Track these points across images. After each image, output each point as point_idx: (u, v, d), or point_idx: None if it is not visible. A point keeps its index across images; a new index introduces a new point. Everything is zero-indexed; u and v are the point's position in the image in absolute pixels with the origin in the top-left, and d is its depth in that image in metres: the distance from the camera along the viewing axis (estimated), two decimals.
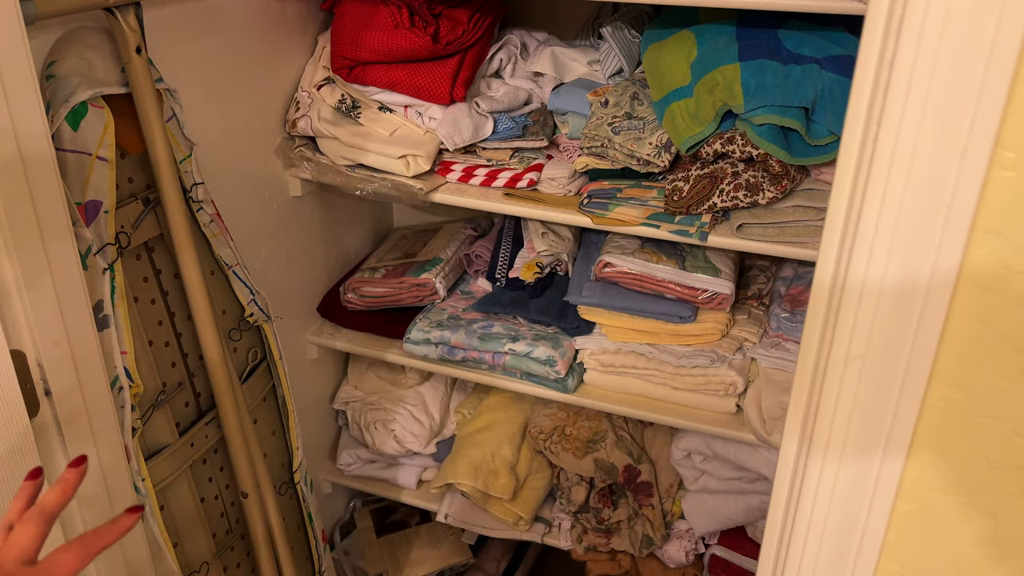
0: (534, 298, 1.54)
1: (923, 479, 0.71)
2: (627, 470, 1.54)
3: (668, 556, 1.58)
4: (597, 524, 1.58)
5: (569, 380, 1.46)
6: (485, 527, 1.65)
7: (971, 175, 0.58)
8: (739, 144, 1.16)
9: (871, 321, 0.65)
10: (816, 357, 0.69)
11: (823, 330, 0.68)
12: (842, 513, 0.75)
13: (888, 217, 0.61)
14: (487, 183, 1.39)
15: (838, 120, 1.11)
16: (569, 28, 1.52)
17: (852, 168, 0.61)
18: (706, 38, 1.22)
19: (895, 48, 0.56)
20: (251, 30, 1.35)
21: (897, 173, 0.60)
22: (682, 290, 1.39)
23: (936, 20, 0.54)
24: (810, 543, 0.78)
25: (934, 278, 0.62)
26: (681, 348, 1.42)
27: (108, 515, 1.06)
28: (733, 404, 1.40)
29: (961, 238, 0.60)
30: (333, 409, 1.79)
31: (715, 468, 1.52)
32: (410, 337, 1.53)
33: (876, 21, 0.56)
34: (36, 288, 0.91)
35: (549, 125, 1.41)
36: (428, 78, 1.36)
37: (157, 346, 1.21)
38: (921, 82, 0.56)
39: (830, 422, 0.71)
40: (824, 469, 0.73)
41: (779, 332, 1.42)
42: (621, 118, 1.27)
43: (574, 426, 1.59)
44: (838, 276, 0.65)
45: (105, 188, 1.05)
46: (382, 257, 1.71)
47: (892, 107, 0.58)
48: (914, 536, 0.74)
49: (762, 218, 1.20)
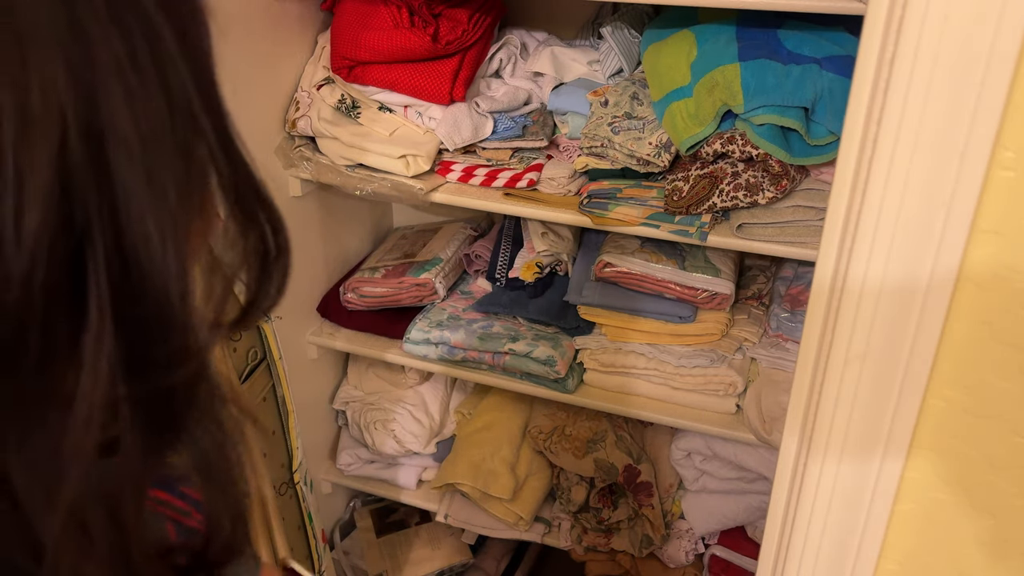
0: (534, 298, 1.54)
1: (923, 479, 0.71)
2: (627, 470, 1.54)
3: (668, 556, 1.58)
4: (597, 524, 1.58)
5: (569, 380, 1.46)
6: (485, 527, 1.65)
7: (971, 175, 0.58)
8: (739, 144, 1.16)
9: (871, 321, 0.65)
10: (816, 357, 0.69)
11: (823, 330, 0.68)
12: (842, 513, 0.75)
13: (888, 217, 0.61)
14: (487, 183, 1.39)
15: (838, 120, 1.11)
16: (569, 28, 1.52)
17: (852, 168, 0.61)
18: (706, 38, 1.22)
19: (895, 48, 0.56)
20: (251, 30, 1.35)
21: (897, 173, 0.60)
22: (682, 290, 1.39)
23: (936, 20, 0.54)
24: (810, 543, 0.78)
25: (934, 278, 0.62)
26: (681, 348, 1.42)
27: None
28: (733, 404, 1.40)
29: (961, 238, 0.60)
30: (333, 409, 1.79)
31: (715, 468, 1.52)
32: (410, 337, 1.53)
33: (876, 21, 0.56)
34: None
35: (549, 125, 1.41)
36: (428, 78, 1.36)
37: None
38: (921, 82, 0.56)
39: (830, 422, 0.71)
40: (824, 469, 0.73)
41: (779, 332, 1.42)
42: (621, 118, 1.27)
43: (574, 426, 1.59)
44: (838, 276, 0.65)
45: None
46: (382, 257, 1.71)
47: (892, 107, 0.58)
48: (914, 536, 0.74)
49: (762, 218, 1.20)
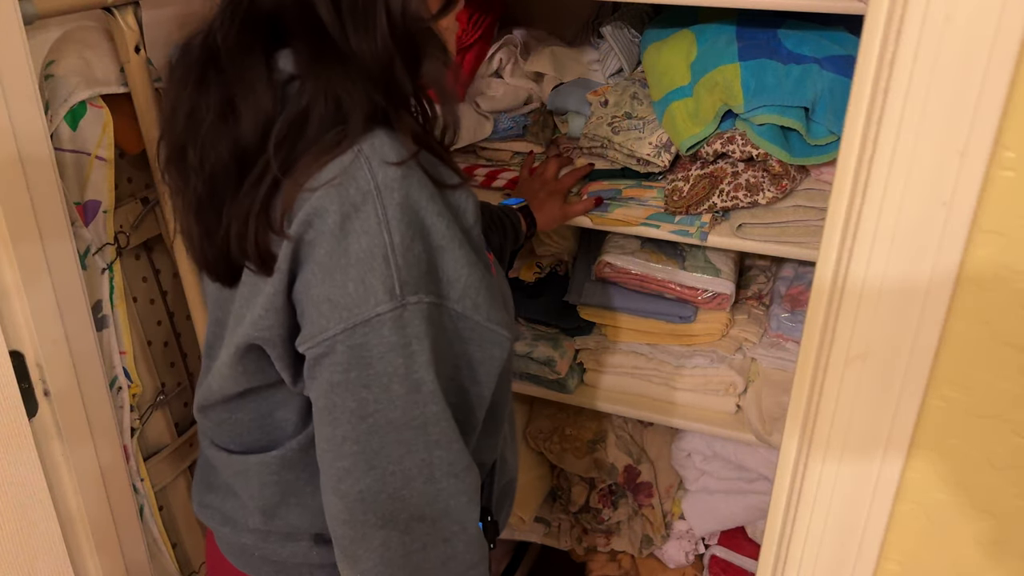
0: (534, 298, 1.53)
1: (923, 479, 0.71)
2: (627, 470, 1.54)
3: (668, 556, 1.58)
4: (597, 524, 1.58)
5: (569, 380, 1.46)
6: None
7: (971, 175, 0.58)
8: (739, 144, 1.16)
9: (871, 321, 0.65)
10: (816, 357, 0.69)
11: (823, 330, 0.68)
12: (842, 513, 0.75)
13: (888, 217, 0.61)
14: (487, 183, 1.39)
15: (838, 120, 1.11)
16: (569, 28, 1.52)
17: (852, 168, 0.61)
18: (706, 38, 1.22)
19: (895, 48, 0.56)
20: None
21: (897, 173, 0.59)
22: (682, 290, 1.39)
23: (936, 19, 0.54)
24: (810, 543, 0.78)
25: (934, 278, 0.62)
26: (681, 348, 1.42)
27: (107, 516, 1.06)
28: (733, 404, 1.40)
29: (961, 238, 0.60)
30: None
31: (716, 468, 1.52)
32: None
33: (876, 20, 0.56)
34: (35, 288, 0.91)
35: (549, 125, 1.41)
36: None
37: (156, 346, 1.21)
38: (921, 81, 0.56)
39: (830, 422, 0.71)
40: (824, 469, 0.73)
41: (779, 332, 1.42)
42: (621, 118, 1.27)
43: (574, 426, 1.59)
44: (838, 276, 0.65)
45: (104, 188, 1.05)
46: None
47: (892, 107, 0.58)
48: (914, 536, 0.74)
49: (762, 218, 1.20)
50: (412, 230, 0.67)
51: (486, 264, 0.76)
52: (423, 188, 0.69)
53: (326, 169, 0.67)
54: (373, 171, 0.67)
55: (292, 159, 0.69)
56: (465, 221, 0.74)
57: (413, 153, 0.70)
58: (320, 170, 0.68)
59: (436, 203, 0.69)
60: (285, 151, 0.69)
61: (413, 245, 0.67)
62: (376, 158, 0.68)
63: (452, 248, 0.70)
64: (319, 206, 0.67)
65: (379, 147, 0.68)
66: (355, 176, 0.67)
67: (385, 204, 0.66)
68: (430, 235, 0.69)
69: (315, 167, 0.68)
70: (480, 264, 0.73)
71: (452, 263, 0.70)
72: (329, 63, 0.69)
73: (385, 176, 0.67)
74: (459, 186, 0.74)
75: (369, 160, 0.67)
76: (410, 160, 0.69)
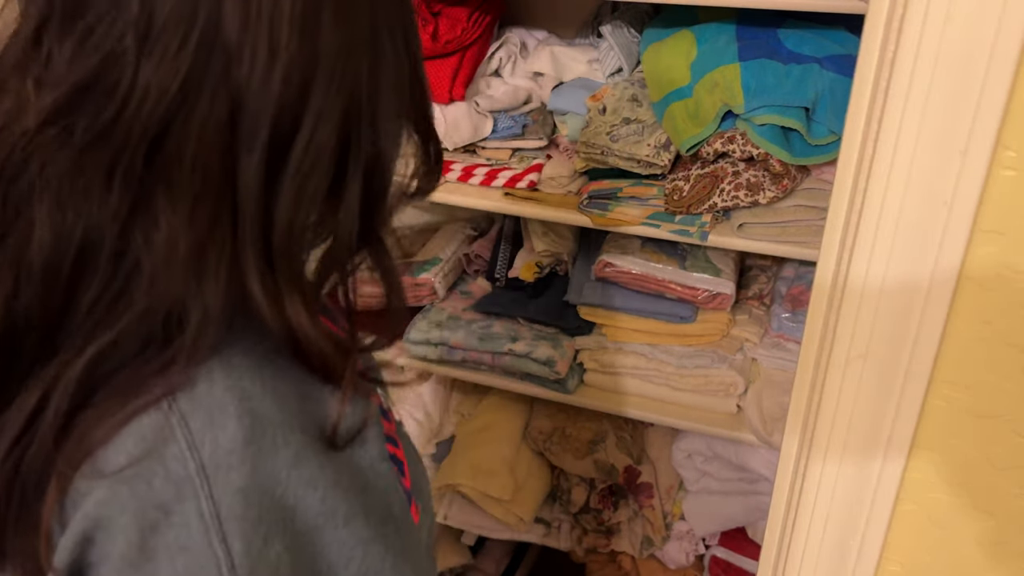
0: (534, 298, 1.53)
1: (924, 479, 0.71)
2: (627, 471, 1.53)
3: (668, 557, 1.58)
4: (597, 525, 1.58)
5: (569, 380, 1.46)
6: (484, 528, 1.64)
7: (972, 174, 0.58)
8: (739, 144, 1.16)
9: (872, 321, 0.65)
10: (817, 357, 0.69)
11: (824, 330, 0.68)
12: (843, 513, 0.75)
13: (889, 216, 0.61)
14: (486, 183, 1.39)
15: (839, 119, 1.11)
16: (569, 27, 1.52)
17: (853, 167, 0.61)
18: (706, 38, 1.22)
19: (896, 47, 0.56)
20: None
21: (898, 172, 0.59)
22: (682, 290, 1.39)
23: (937, 19, 0.54)
24: (811, 544, 0.77)
25: (935, 278, 0.62)
26: (681, 348, 1.41)
27: None
28: (734, 404, 1.40)
29: (962, 237, 0.60)
30: None
31: (716, 469, 1.52)
32: (409, 337, 1.53)
33: (876, 20, 0.56)
34: None
35: (549, 124, 1.41)
36: (427, 77, 1.36)
37: None
38: (922, 81, 0.56)
39: (831, 422, 0.71)
40: (825, 469, 0.73)
41: (780, 332, 1.42)
42: (619, 125, 1.27)
43: (574, 427, 1.59)
44: (839, 276, 0.65)
45: None
46: None
47: (893, 106, 0.58)
48: (915, 536, 0.74)
49: (763, 218, 1.20)
50: (264, 525, 0.42)
51: (400, 514, 0.49)
52: (285, 446, 0.44)
53: (119, 439, 0.42)
54: (194, 442, 0.42)
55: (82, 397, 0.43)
56: (361, 461, 0.48)
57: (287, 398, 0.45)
58: (110, 438, 0.42)
59: (306, 465, 0.44)
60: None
61: (267, 548, 0.42)
62: (201, 415, 0.42)
63: (334, 525, 0.45)
64: (103, 515, 0.41)
65: (215, 392, 0.43)
66: (162, 456, 0.41)
67: (215, 496, 0.41)
68: (294, 519, 0.44)
69: (102, 430, 0.42)
70: (386, 531, 0.48)
71: (336, 545, 0.45)
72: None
73: (216, 447, 0.42)
74: (360, 425, 0.48)
75: (187, 422, 0.42)
76: (275, 402, 0.44)
